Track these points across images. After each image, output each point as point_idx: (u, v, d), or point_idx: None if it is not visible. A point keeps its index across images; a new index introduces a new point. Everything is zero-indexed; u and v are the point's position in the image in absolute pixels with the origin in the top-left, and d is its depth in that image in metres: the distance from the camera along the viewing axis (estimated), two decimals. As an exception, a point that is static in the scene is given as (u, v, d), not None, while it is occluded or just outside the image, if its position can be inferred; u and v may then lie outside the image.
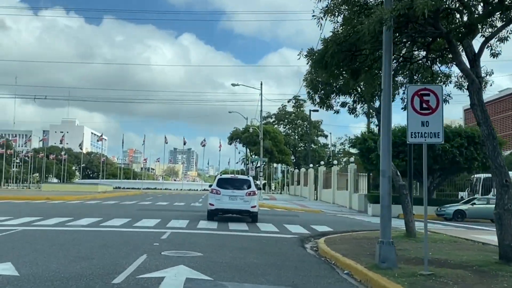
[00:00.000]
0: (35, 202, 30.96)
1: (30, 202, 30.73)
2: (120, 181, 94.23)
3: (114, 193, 49.93)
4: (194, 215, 22.96)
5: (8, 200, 31.99)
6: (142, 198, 42.13)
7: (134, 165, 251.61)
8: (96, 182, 72.90)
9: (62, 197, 35.36)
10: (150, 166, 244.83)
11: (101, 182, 78.44)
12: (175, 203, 33.50)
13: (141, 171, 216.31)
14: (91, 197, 38.80)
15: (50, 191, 47.77)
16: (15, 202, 29.99)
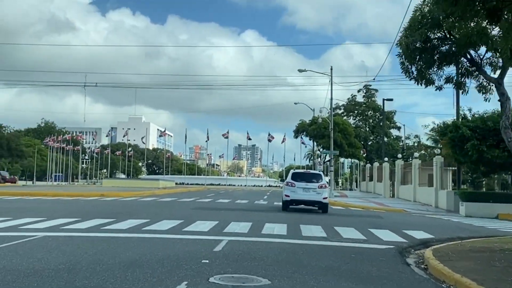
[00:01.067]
0: (87, 199, 28.37)
1: (81, 199, 28.15)
2: (184, 177, 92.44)
3: (175, 189, 47.28)
4: (258, 215, 19.42)
5: (59, 197, 29.59)
6: (203, 194, 39.10)
7: (199, 161, 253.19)
8: (158, 177, 71.08)
9: (118, 194, 32.75)
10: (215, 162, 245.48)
11: (164, 178, 76.59)
12: (238, 201, 30.10)
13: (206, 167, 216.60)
14: (149, 193, 36.09)
15: (109, 187, 45.65)
16: (64, 199, 27.49)
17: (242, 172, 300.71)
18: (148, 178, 77.66)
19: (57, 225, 14.08)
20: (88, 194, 31.70)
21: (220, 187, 72.38)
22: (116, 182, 52.72)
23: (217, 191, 50.43)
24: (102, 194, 31.79)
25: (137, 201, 27.03)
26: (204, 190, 54.31)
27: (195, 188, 54.61)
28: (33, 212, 18.23)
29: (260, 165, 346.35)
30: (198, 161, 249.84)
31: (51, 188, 42.31)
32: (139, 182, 52.93)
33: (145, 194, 34.65)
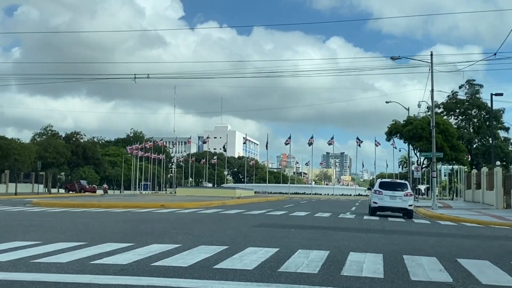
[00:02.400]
0: (139, 211, 23.95)
1: (132, 211, 23.79)
2: (268, 185, 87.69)
3: (251, 198, 42.37)
4: (340, 237, 13.74)
5: (111, 209, 25.40)
6: (280, 205, 33.89)
7: (286, 170, 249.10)
8: (236, 186, 66.82)
9: (181, 204, 28.24)
10: (302, 170, 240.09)
11: (245, 186, 72.36)
12: (318, 214, 24.45)
13: (292, 176, 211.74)
14: (218, 203, 31.35)
15: (180, 196, 41.63)
16: (113, 212, 23.19)
17: (330, 181, 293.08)
18: (227, 186, 73.66)
19: (34, 255, 9.31)
20: (146, 205, 27.41)
21: (303, 196, 66.96)
22: (189, 191, 48.77)
23: (298, 200, 45.00)
24: (162, 205, 27.40)
25: (194, 214, 22.22)
26: (284, 199, 49.11)
27: (275, 197, 49.51)
28: (35, 231, 13.74)
29: (349, 173, 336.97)
30: (285, 170, 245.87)
31: (122, 198, 38.77)
32: (214, 191, 48.64)
33: (212, 205, 29.93)
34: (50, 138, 55.19)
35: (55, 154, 51.83)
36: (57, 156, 52.23)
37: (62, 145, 54.35)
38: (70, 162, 59.18)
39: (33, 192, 51.10)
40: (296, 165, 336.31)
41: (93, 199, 33.77)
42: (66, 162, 57.25)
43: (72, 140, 59.85)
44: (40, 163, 49.54)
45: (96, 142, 62.69)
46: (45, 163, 50.81)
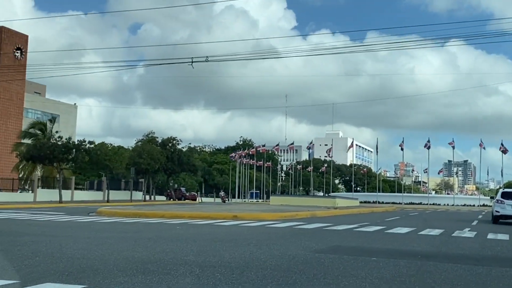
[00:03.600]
0: (197, 222, 19.60)
1: (187, 222, 19.52)
2: (378, 195, 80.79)
3: (351, 209, 36.65)
4: (442, 280, 8.18)
5: (166, 219, 21.29)
6: (381, 217, 28.06)
7: (404, 179, 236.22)
8: (338, 195, 61.10)
9: (257, 215, 23.51)
10: (421, 179, 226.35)
11: (353, 195, 66.31)
12: (424, 231, 18.11)
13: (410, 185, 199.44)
14: (305, 214, 26.24)
15: (271, 205, 37.06)
16: (152, 222, 19.01)
17: (452, 190, 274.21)
18: (331, 195, 67.93)
19: None
20: (216, 215, 23.00)
21: (418, 207, 59.61)
22: (282, 200, 44.01)
23: (408, 212, 38.55)
24: (234, 216, 22.91)
25: (263, 228, 17.36)
26: (393, 210, 42.77)
27: (382, 208, 43.26)
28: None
29: (473, 182, 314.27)
30: (403, 178, 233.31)
31: (199, 208, 34.96)
32: (311, 200, 43.43)
33: (297, 216, 24.90)
34: (146, 144, 53.37)
35: (149, 160, 49.69)
36: (151, 162, 50.05)
37: (157, 151, 52.14)
38: (166, 169, 57.01)
39: (128, 200, 49.33)
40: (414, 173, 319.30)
41: (170, 208, 30.17)
42: (162, 168, 55.02)
43: (168, 146, 57.71)
44: (134, 169, 47.72)
45: (192, 148, 60.14)
46: (139, 169, 48.94)
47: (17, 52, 73.16)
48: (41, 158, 39.37)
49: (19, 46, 73.22)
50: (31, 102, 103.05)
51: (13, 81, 72.85)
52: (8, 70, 72.04)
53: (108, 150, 42.78)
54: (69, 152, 38.81)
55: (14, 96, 72.46)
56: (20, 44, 73.62)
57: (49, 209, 29.57)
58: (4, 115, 70.26)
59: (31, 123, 53.78)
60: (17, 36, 73.64)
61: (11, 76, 72.45)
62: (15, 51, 73.00)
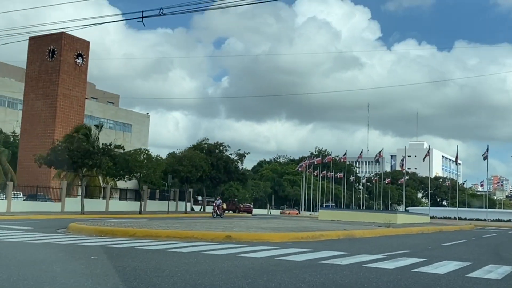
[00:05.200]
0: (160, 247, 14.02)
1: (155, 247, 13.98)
2: (460, 210, 71.63)
3: (414, 227, 29.31)
4: None
5: (137, 240, 15.88)
6: (440, 240, 20.93)
7: (497, 193, 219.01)
8: (412, 209, 53.01)
9: (260, 236, 17.46)
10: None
11: (429, 210, 57.99)
12: (485, 267, 11.49)
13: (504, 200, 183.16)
14: (333, 235, 19.77)
15: (322, 221, 30.79)
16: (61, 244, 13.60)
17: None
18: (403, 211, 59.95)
19: None
20: (205, 235, 17.21)
21: (505, 225, 50.61)
22: (333, 214, 37.19)
23: (485, 232, 30.68)
24: (227, 236, 17.07)
25: (270, 261, 11.44)
26: (469, 229, 35.05)
27: (456, 227, 35.45)
28: None
29: None
30: (496, 193, 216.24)
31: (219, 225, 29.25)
32: (366, 215, 36.40)
33: (323, 237, 18.53)
34: (189, 150, 48.61)
35: (190, 168, 44.75)
36: (192, 170, 45.10)
37: (200, 158, 47.07)
38: (213, 178, 51.80)
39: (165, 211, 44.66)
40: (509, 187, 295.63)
41: (169, 223, 24.73)
42: (207, 177, 49.77)
43: (215, 153, 52.51)
44: (170, 177, 42.99)
45: (242, 154, 54.77)
46: (179, 177, 44.27)
47: (78, 59, 71.47)
48: (60, 164, 35.62)
49: (80, 53, 71.48)
50: (104, 112, 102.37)
51: (73, 88, 71.27)
52: (69, 77, 70.61)
53: (140, 156, 38.02)
54: (91, 157, 34.67)
55: (75, 103, 70.76)
56: (81, 50, 71.91)
57: (31, 222, 25.12)
58: (65, 122, 68.30)
59: (75, 127, 50.46)
60: (78, 43, 71.92)
61: (72, 83, 70.96)
62: (76, 58, 71.32)
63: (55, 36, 70.27)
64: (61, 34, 70.82)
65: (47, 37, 70.72)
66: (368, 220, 33.30)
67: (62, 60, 69.27)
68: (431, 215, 73.48)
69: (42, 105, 69.54)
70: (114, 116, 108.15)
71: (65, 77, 69.23)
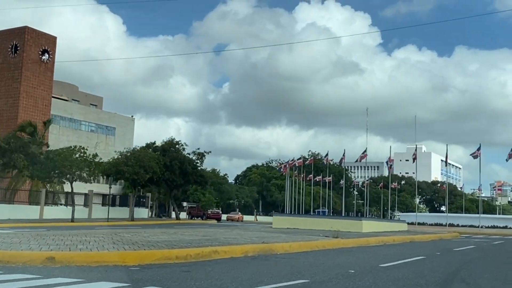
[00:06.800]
0: None
1: None
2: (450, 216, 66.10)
3: (370, 238, 23.47)
4: None
5: None
6: (387, 256, 15.34)
7: (500, 199, 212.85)
8: (400, 215, 46.99)
9: (160, 254, 12.01)
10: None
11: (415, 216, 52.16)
12: None
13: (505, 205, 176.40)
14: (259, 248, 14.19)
15: (270, 229, 25.13)
16: None
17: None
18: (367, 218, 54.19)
19: None
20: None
21: (499, 232, 44.81)
22: (289, 221, 31.33)
23: (461, 244, 24.81)
24: (50, 257, 11.52)
25: None
26: (448, 238, 29.39)
27: (434, 236, 29.66)
28: None
29: None
30: (498, 198, 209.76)
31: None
32: (328, 221, 30.61)
33: (232, 253, 12.91)
34: (141, 150, 42.83)
35: (137, 169, 39.01)
36: (140, 171, 39.39)
37: (150, 157, 41.27)
38: (167, 180, 45.73)
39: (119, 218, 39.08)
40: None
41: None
42: (159, 179, 43.71)
43: (169, 152, 46.46)
44: (111, 180, 37.63)
45: (201, 154, 48.64)
46: (125, 179, 38.74)
47: (44, 55, 66.21)
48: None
49: (45, 49, 66.22)
50: (85, 114, 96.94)
51: (38, 86, 66.06)
52: (33, 75, 65.42)
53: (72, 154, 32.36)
54: (3, 155, 29.29)
55: (40, 103, 65.53)
56: (47, 46, 66.65)
57: None
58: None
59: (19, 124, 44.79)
60: (43, 38, 66.74)
61: (36, 81, 65.79)
62: (41, 54, 66.03)
63: (18, 30, 65.31)
64: (25, 28, 65.73)
65: (10, 32, 65.80)
66: (330, 227, 27.71)
67: (25, 56, 64.15)
68: (422, 221, 67.62)
69: (4, 104, 64.43)
70: (96, 119, 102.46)
71: (29, 74, 64.16)
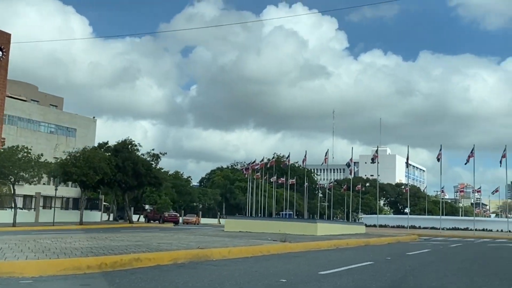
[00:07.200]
0: None
1: None
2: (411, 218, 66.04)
3: (322, 242, 22.38)
4: None
5: None
6: (327, 263, 14.19)
7: (464, 201, 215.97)
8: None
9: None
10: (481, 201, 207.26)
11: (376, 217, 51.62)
12: None
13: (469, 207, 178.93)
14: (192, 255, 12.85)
15: (224, 233, 23.73)
16: None
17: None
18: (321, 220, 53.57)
19: None
20: None
21: (460, 234, 44.49)
22: (242, 224, 29.79)
23: (413, 248, 23.82)
24: None
25: None
26: (406, 241, 28.52)
27: (391, 238, 28.80)
28: None
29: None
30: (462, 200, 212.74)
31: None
32: (280, 224, 29.36)
33: (159, 260, 11.49)
34: (91, 150, 40.78)
35: (86, 170, 37.17)
36: (89, 173, 37.52)
37: (101, 158, 39.36)
38: (120, 182, 43.81)
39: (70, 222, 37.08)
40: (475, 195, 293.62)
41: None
42: (110, 180, 41.78)
43: (122, 152, 44.52)
44: (58, 181, 35.71)
45: (156, 155, 46.91)
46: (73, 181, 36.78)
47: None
48: None
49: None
50: (44, 115, 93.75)
51: (-11, 85, 63.07)
52: (-16, 72, 62.42)
53: (16, 154, 30.37)
54: None
55: (-9, 102, 62.60)
56: (0, 43, 63.79)
57: None
58: (-23, 123, 59.61)
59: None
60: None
61: (-13, 79, 62.78)
62: (-6, 51, 63.07)
63: (-32, 26, 62.38)
64: (-25, 24, 62.81)
65: (-41, 28, 62.66)
66: (284, 230, 26.53)
67: (-25, 53, 61.23)
68: (384, 223, 67.36)
69: (-49, 104, 61.33)
70: (56, 120, 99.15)
71: (-21, 72, 61.26)
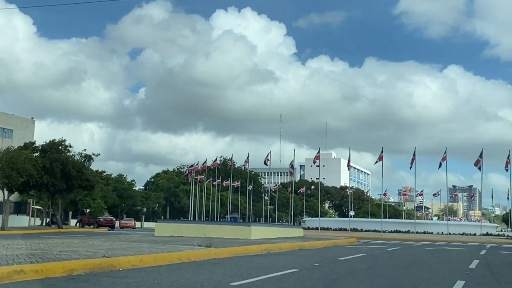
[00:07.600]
0: None
1: None
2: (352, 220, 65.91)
3: (252, 246, 20.87)
4: None
5: None
6: (248, 271, 12.73)
7: (407, 204, 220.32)
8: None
9: None
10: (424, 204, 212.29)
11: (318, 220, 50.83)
12: None
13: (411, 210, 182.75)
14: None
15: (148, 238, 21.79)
16: None
17: (456, 216, 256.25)
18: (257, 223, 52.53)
19: None
20: None
21: (401, 237, 44.12)
22: (174, 228, 28.00)
23: (349, 252, 22.63)
24: None
25: None
26: (344, 244, 27.45)
27: (328, 242, 27.65)
28: None
29: (478, 208, 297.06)
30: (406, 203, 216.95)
31: None
32: (218, 228, 27.72)
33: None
34: (16, 150, 37.75)
35: (9, 171, 34.32)
36: (12, 174, 34.65)
37: (26, 159, 36.51)
38: (48, 185, 40.92)
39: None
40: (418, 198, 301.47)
41: None
42: (36, 183, 38.97)
43: (50, 153, 41.70)
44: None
45: (89, 156, 44.30)
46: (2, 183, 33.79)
47: None
48: None
49: None
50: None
51: None
52: None
53: None
54: None
55: None
56: None
57: None
58: None
59: None
60: None
61: None
62: None
63: None
64: None
65: None
66: (217, 234, 24.87)
67: None
68: (326, 226, 66.71)
69: None
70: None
71: None
